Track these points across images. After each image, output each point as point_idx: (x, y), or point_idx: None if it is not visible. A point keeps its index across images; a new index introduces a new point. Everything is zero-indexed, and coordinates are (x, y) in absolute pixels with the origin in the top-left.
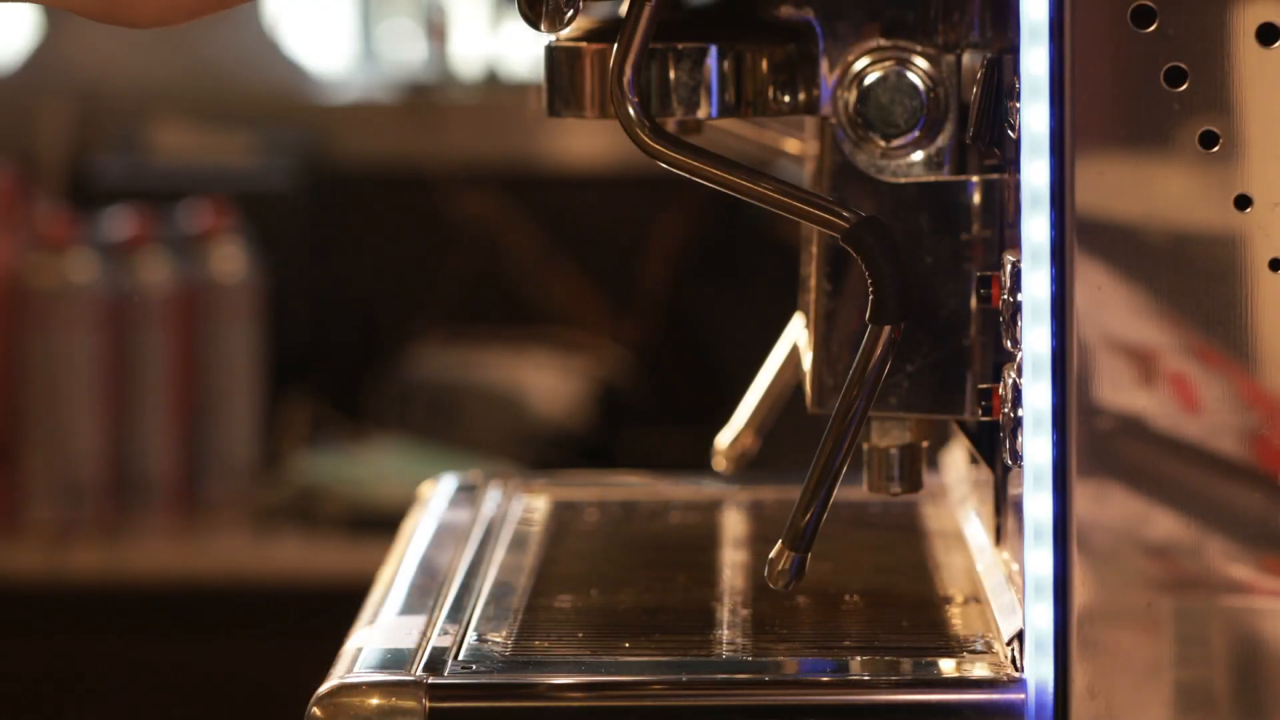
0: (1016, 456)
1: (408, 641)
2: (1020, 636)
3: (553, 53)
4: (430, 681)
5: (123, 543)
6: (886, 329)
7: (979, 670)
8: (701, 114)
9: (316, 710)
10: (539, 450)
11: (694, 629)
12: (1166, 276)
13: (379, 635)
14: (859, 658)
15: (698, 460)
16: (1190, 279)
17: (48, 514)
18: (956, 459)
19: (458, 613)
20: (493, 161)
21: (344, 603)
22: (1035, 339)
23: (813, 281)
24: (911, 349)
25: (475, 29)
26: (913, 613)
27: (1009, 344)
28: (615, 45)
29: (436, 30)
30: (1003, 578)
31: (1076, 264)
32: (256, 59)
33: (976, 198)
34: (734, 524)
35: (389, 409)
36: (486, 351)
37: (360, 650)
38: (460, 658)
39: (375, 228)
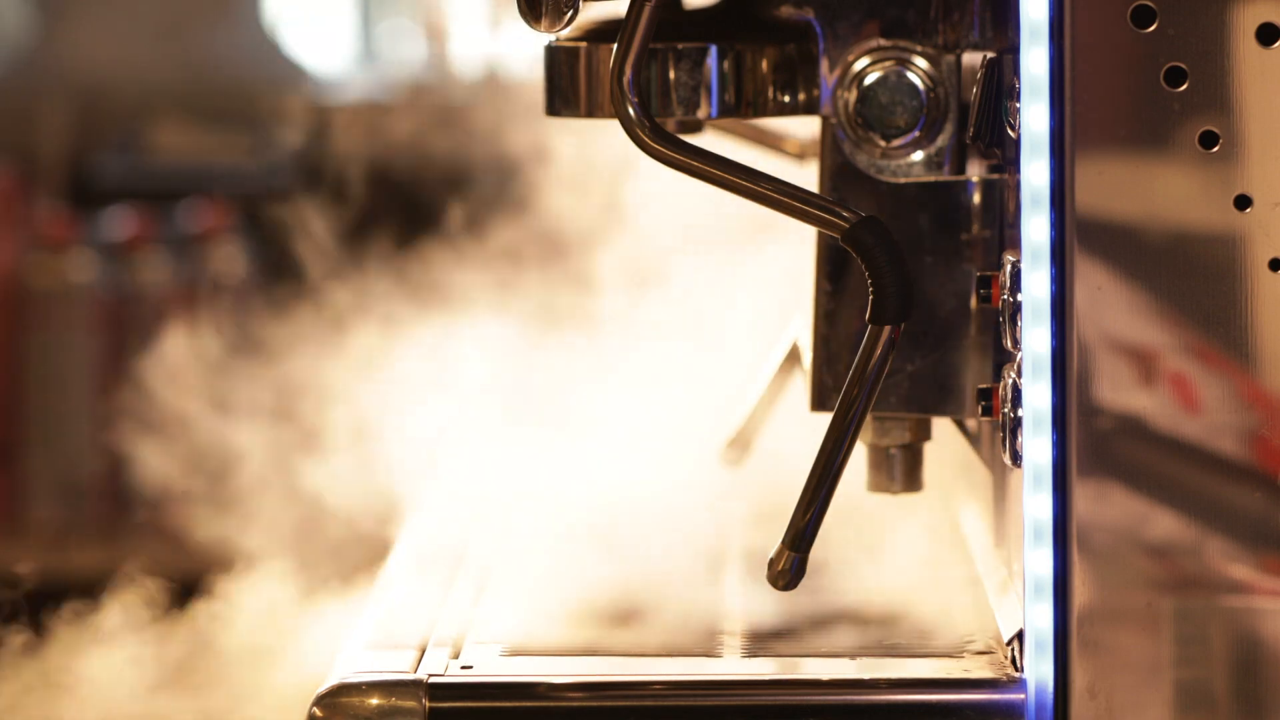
0: (1016, 456)
1: (408, 641)
2: (1020, 636)
3: (553, 53)
4: (430, 681)
5: (123, 543)
6: (886, 329)
7: (979, 670)
8: (701, 114)
9: (317, 710)
10: None
11: (695, 629)
12: (1166, 276)
13: (379, 634)
14: (859, 658)
15: None
16: (1190, 279)
17: (48, 514)
18: (956, 459)
19: (458, 612)
20: None
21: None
22: (1035, 339)
23: (813, 281)
24: (911, 349)
25: (475, 29)
26: (913, 613)
27: (1009, 344)
28: (615, 45)
29: (436, 30)
30: (1002, 578)
31: (1076, 264)
32: (256, 59)
33: (976, 198)
34: (734, 522)
35: None
36: None
37: (361, 649)
38: (460, 658)
39: None
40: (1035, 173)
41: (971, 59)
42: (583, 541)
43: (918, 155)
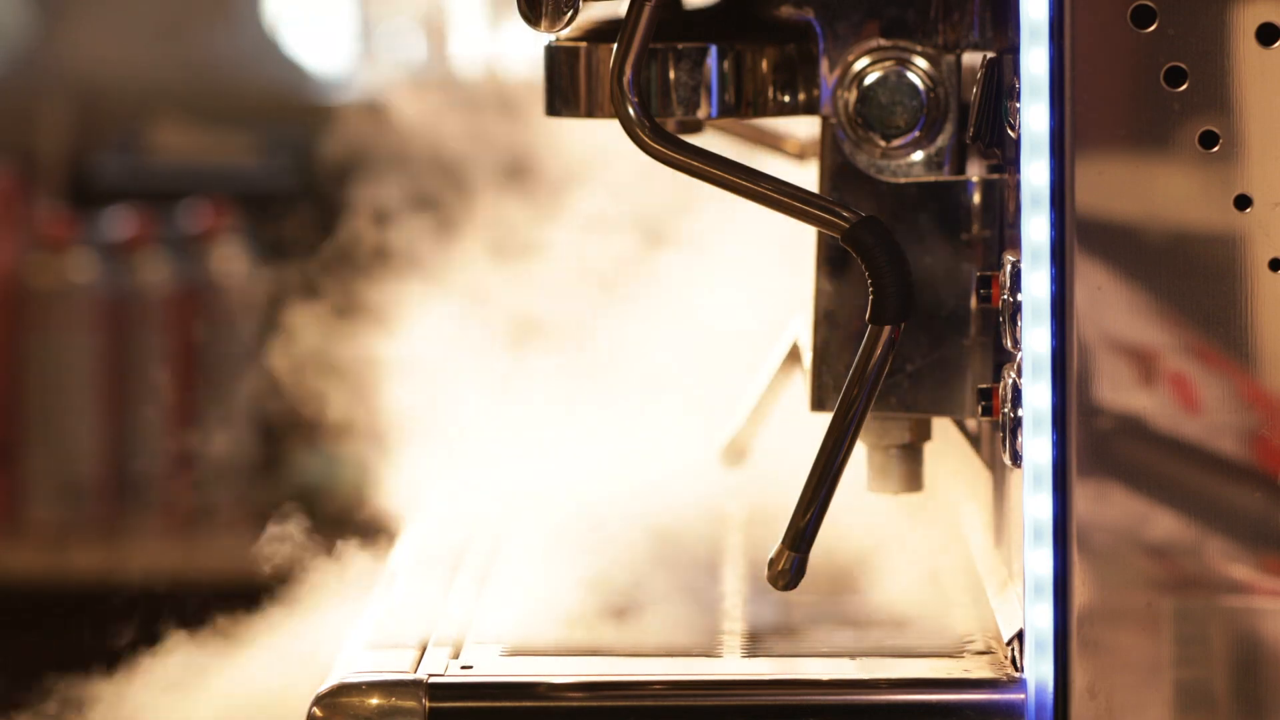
0: (1016, 457)
1: (408, 640)
2: (1020, 636)
3: (553, 53)
4: (430, 681)
5: (123, 543)
6: (886, 329)
7: (979, 670)
8: (701, 114)
9: (317, 710)
10: None
11: (694, 629)
12: (1166, 276)
13: (379, 634)
14: (859, 658)
15: None
16: (1190, 279)
17: (48, 514)
18: (956, 459)
19: (458, 612)
20: None
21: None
22: (1035, 339)
23: (813, 281)
24: (911, 349)
25: (475, 29)
26: (913, 613)
27: (1009, 344)
28: (615, 45)
29: (436, 30)
30: (1002, 578)
31: (1076, 264)
32: (256, 59)
33: (976, 198)
34: (734, 522)
35: None
36: None
37: (361, 649)
38: (460, 658)
39: None
40: (1035, 173)
41: (971, 59)
42: (582, 541)
43: (918, 155)
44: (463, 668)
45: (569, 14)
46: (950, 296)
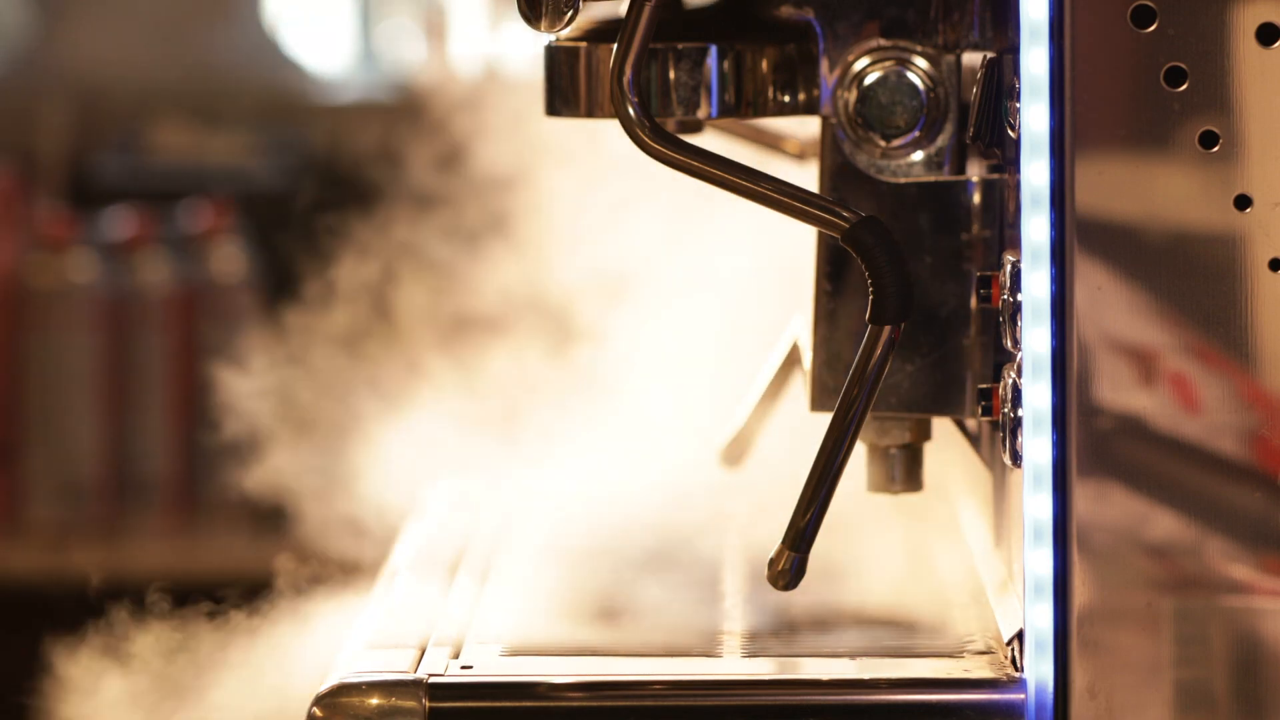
0: (1016, 457)
1: (408, 641)
2: (1020, 636)
3: (553, 53)
4: (430, 681)
5: (123, 543)
6: (886, 329)
7: (979, 670)
8: (701, 114)
9: (317, 710)
10: None
11: (695, 629)
12: (1166, 276)
13: (379, 634)
14: (859, 658)
15: None
16: (1190, 279)
17: (48, 514)
18: (956, 459)
19: (458, 612)
20: None
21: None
22: (1035, 339)
23: (813, 281)
24: (911, 349)
25: (475, 29)
26: (913, 613)
27: (1009, 344)
28: (615, 45)
29: (436, 30)
30: (1002, 578)
31: (1076, 264)
32: (256, 59)
33: (976, 198)
34: (734, 522)
35: None
36: None
37: (361, 649)
38: (460, 658)
39: None
40: (1035, 173)
41: (971, 59)
42: (582, 541)
43: (918, 155)
44: (463, 668)
45: (569, 14)
46: (950, 296)
